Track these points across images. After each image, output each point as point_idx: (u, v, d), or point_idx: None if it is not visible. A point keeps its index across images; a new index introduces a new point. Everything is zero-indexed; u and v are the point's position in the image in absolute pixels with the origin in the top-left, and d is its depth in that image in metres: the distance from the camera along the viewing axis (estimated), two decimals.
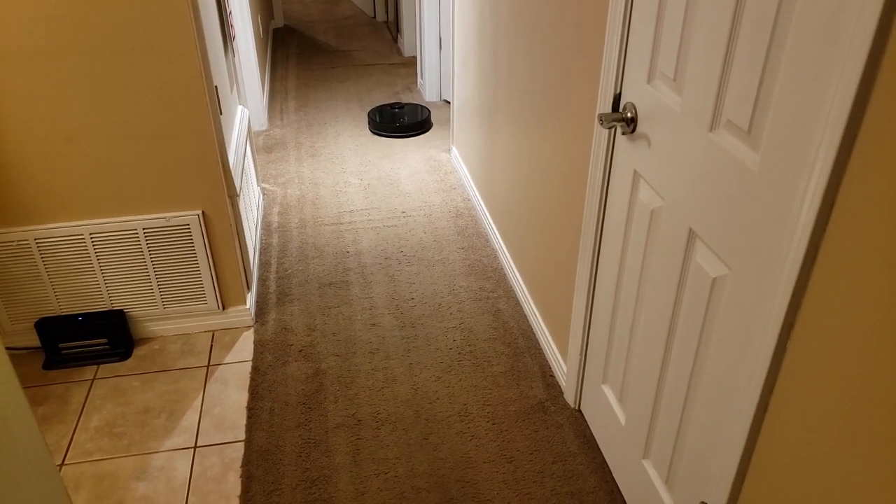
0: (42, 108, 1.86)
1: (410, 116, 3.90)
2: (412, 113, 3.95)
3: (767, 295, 1.03)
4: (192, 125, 1.97)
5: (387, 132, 3.80)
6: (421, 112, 3.95)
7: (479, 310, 2.41)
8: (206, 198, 2.09)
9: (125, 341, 2.21)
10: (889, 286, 0.79)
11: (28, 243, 2.04)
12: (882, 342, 0.81)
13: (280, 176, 3.40)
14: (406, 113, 3.94)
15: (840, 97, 0.83)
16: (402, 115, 3.92)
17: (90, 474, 1.81)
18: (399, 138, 3.78)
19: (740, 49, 1.04)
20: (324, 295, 2.50)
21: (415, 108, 4.02)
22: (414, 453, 1.84)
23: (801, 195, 0.92)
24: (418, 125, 3.83)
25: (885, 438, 0.81)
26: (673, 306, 1.33)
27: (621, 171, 1.51)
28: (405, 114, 3.93)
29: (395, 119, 3.85)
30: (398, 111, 3.97)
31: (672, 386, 1.37)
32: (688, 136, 1.21)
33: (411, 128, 3.80)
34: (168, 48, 1.85)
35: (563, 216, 1.91)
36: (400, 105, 4.04)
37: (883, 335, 0.80)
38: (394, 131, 3.79)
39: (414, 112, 3.95)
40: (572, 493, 1.72)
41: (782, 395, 1.01)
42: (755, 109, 1.02)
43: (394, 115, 3.91)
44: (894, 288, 0.78)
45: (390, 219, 3.00)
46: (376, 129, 3.83)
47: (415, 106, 4.05)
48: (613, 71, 1.47)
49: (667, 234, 1.33)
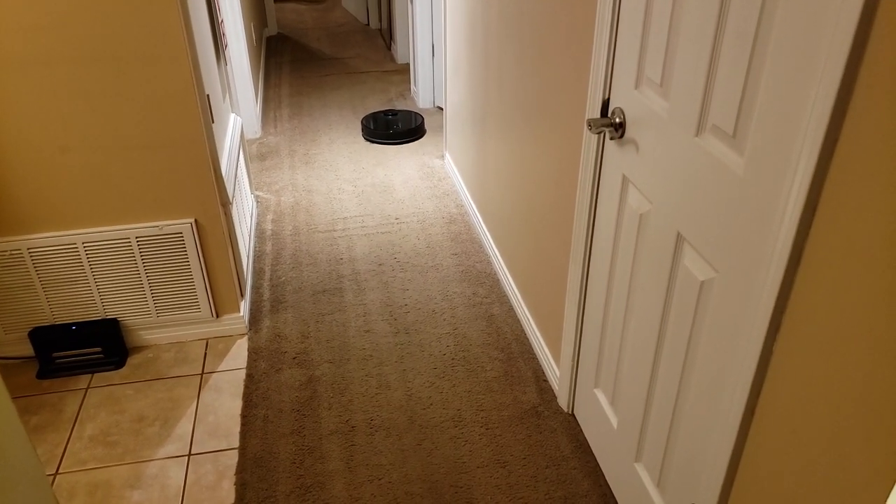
0: (35, 117, 1.87)
1: (404, 123, 3.91)
2: (405, 120, 3.96)
3: (754, 297, 1.04)
4: (184, 134, 1.98)
5: (380, 139, 3.82)
6: (414, 119, 3.97)
7: (472, 315, 2.42)
8: (198, 206, 2.10)
9: (119, 350, 2.21)
10: (872, 287, 0.80)
11: (21, 253, 2.04)
12: (867, 343, 0.82)
13: (274, 183, 3.41)
14: (399, 120, 3.96)
15: (821, 102, 0.84)
16: (396, 121, 3.93)
17: (84, 483, 1.80)
18: (392, 145, 3.79)
19: (724, 55, 1.05)
20: (317, 302, 2.50)
21: (408, 115, 4.03)
22: (408, 459, 1.85)
23: (785, 198, 0.93)
24: (412, 132, 3.84)
25: (870, 440, 0.82)
26: (662, 310, 1.34)
27: (610, 176, 1.53)
28: (398, 120, 3.95)
29: (389, 126, 3.86)
30: (392, 118, 3.98)
31: (662, 389, 1.38)
32: (675, 141, 1.23)
33: (404, 134, 3.81)
34: (160, 57, 1.86)
35: (555, 221, 1.92)
36: (393, 112, 4.05)
37: (868, 336, 0.82)
38: (387, 138, 3.80)
39: (407, 119, 3.97)
40: (566, 498, 1.73)
41: (769, 397, 1.02)
42: (739, 114, 1.04)
43: (387, 121, 3.92)
44: (878, 289, 0.79)
45: (384, 225, 3.01)
46: (370, 137, 3.85)
47: (408, 113, 4.07)
48: (602, 77, 1.48)
49: (655, 238, 1.34)
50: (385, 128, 3.84)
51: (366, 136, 3.87)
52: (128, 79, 1.87)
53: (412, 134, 3.84)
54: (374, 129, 3.83)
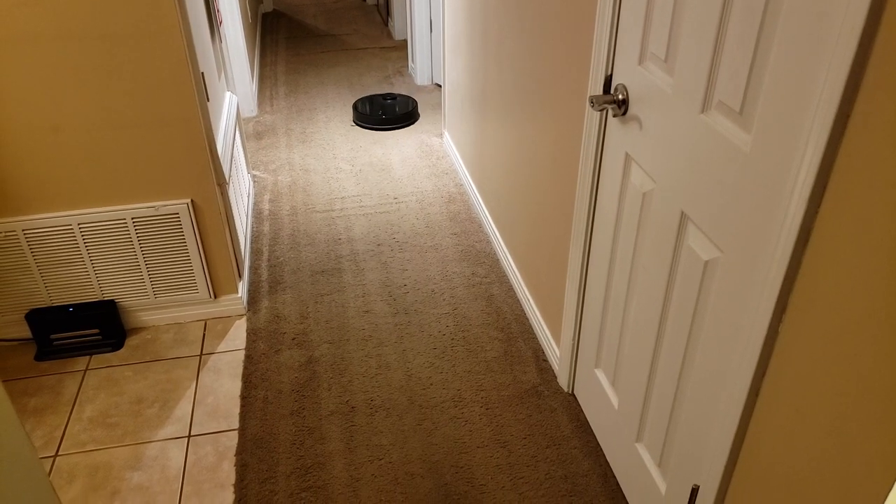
0: (26, 96, 1.83)
1: (398, 107, 3.81)
2: (400, 104, 3.86)
3: (759, 278, 1.02)
4: (178, 112, 1.94)
5: (372, 125, 3.72)
6: (409, 103, 3.87)
7: (471, 295, 2.40)
8: (194, 186, 2.07)
9: (117, 331, 2.20)
10: (882, 269, 0.78)
11: (16, 234, 2.01)
12: (875, 326, 0.80)
13: (270, 163, 3.37)
14: (393, 105, 3.86)
15: (833, 76, 0.81)
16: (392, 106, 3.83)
17: (84, 464, 1.80)
18: (384, 131, 3.70)
19: (732, 29, 1.02)
20: (316, 282, 2.48)
21: (404, 99, 3.94)
22: (408, 439, 1.84)
23: (794, 177, 0.91)
24: (405, 116, 3.75)
25: (877, 423, 0.81)
26: (665, 290, 1.33)
27: (613, 154, 1.50)
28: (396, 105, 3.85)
29: (384, 110, 3.77)
30: (388, 102, 3.88)
31: (664, 370, 1.37)
32: (679, 118, 1.20)
33: (396, 120, 3.72)
34: (152, 33, 1.82)
35: (556, 200, 1.90)
36: (392, 96, 3.95)
37: (876, 319, 0.80)
38: (379, 123, 3.71)
39: (402, 103, 3.87)
40: (566, 477, 1.73)
41: (774, 378, 1.01)
42: (747, 90, 1.01)
43: (384, 105, 3.82)
44: (890, 270, 0.77)
45: (382, 205, 2.98)
46: (360, 122, 3.75)
47: (403, 97, 3.96)
48: (604, 52, 1.45)
49: (658, 218, 1.32)
50: (377, 112, 3.75)
51: (356, 120, 3.78)
52: (119, 56, 1.83)
53: (405, 119, 3.75)
54: (367, 115, 3.74)
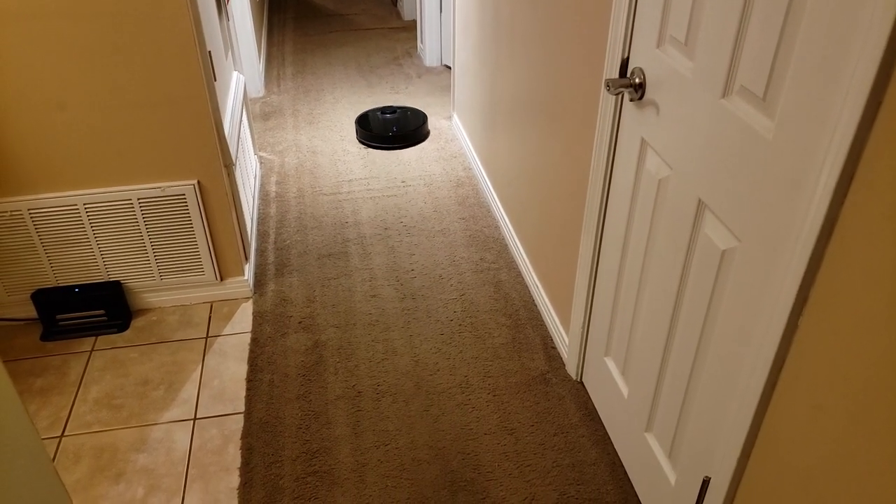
0: (32, 74, 1.81)
1: (404, 124, 3.37)
2: (405, 120, 3.41)
3: (780, 269, 0.99)
4: (185, 91, 1.91)
5: (377, 143, 3.30)
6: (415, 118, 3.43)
7: (479, 281, 2.38)
8: (201, 167, 2.05)
9: (123, 313, 2.19)
10: None
11: (21, 214, 2.00)
12: None
13: (277, 144, 3.35)
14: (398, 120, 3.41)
15: (864, 61, 0.78)
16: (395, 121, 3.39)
17: (90, 446, 1.80)
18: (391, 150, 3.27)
19: (756, 10, 0.99)
20: (323, 266, 2.47)
21: (408, 113, 3.50)
22: (414, 425, 1.83)
23: (819, 165, 0.88)
24: (412, 134, 3.32)
25: None
26: (679, 279, 1.30)
27: (628, 140, 1.47)
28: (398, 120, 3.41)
29: (387, 128, 3.32)
30: (390, 117, 3.43)
31: (677, 360, 1.34)
32: (698, 103, 1.17)
33: (403, 138, 3.29)
34: (159, 11, 1.78)
35: (567, 186, 1.87)
36: (391, 110, 3.51)
37: None
38: (385, 142, 3.28)
39: (408, 119, 3.42)
40: (573, 465, 1.71)
41: (792, 372, 0.98)
42: (771, 75, 0.97)
43: (385, 122, 3.38)
44: None
45: (390, 188, 2.96)
46: (364, 140, 3.33)
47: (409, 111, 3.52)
48: (621, 35, 1.41)
49: (674, 205, 1.29)
50: (383, 130, 3.31)
51: (360, 139, 3.35)
52: (126, 33, 1.80)
53: (412, 137, 3.32)
54: (370, 132, 3.29)
